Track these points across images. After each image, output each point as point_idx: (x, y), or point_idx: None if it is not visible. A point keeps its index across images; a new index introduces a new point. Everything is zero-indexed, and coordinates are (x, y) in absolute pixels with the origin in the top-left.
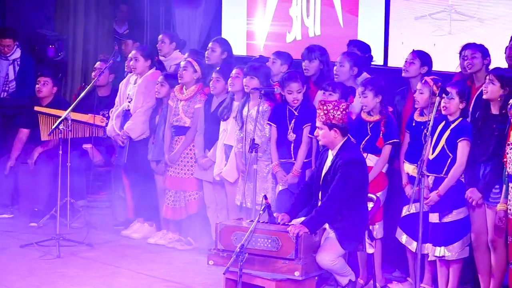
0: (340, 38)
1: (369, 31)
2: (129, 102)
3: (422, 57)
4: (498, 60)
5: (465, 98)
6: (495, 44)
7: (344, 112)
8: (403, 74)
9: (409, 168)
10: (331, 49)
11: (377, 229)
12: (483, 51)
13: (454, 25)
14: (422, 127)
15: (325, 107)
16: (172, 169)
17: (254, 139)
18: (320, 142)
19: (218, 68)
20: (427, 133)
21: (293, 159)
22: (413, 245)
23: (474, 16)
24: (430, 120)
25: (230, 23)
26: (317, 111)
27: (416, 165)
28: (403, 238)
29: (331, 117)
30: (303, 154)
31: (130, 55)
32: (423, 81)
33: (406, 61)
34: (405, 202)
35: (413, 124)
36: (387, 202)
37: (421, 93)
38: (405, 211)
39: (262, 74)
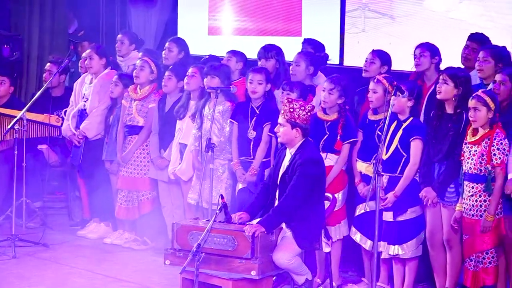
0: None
1: (325, 30)
2: (85, 102)
3: (381, 57)
4: (409, 57)
5: (414, 97)
6: (407, 41)
7: (309, 113)
8: (363, 74)
9: (362, 167)
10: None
11: (339, 229)
12: (432, 50)
13: (368, 23)
14: (375, 125)
15: (291, 105)
16: (125, 169)
17: (210, 138)
18: (279, 139)
19: (171, 67)
20: (382, 133)
21: (253, 158)
22: (367, 244)
23: (387, 13)
24: (383, 119)
25: (189, 20)
26: (282, 107)
27: (368, 163)
28: (357, 237)
29: (296, 116)
30: (262, 153)
31: (84, 54)
32: (375, 80)
33: (366, 61)
34: (358, 201)
35: (366, 122)
36: (348, 201)
37: (375, 92)
38: (358, 210)
39: (223, 73)
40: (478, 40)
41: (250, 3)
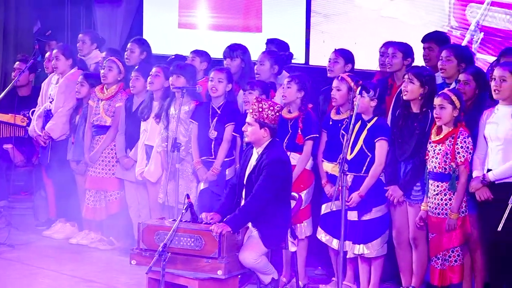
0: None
1: (290, 30)
2: (51, 102)
3: (345, 55)
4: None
5: (377, 97)
6: (343, 38)
7: (277, 114)
8: (328, 75)
9: (327, 167)
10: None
11: (306, 227)
12: (405, 52)
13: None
14: (339, 125)
15: (260, 105)
16: (93, 169)
17: (176, 138)
18: (246, 138)
19: (137, 67)
20: (347, 132)
21: (214, 157)
22: (333, 243)
23: (321, 12)
24: (346, 118)
25: (155, 18)
26: (252, 106)
27: (334, 163)
28: (323, 236)
29: (265, 116)
30: (224, 153)
31: (47, 55)
32: (339, 78)
33: (329, 61)
34: (324, 201)
35: (330, 122)
36: (313, 200)
37: (338, 90)
38: (324, 210)
39: (188, 72)
40: (433, 39)
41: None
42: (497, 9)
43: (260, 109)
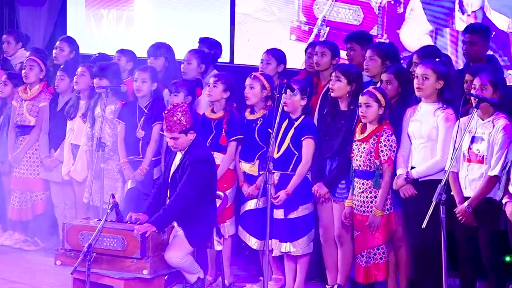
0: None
1: (215, 29)
2: None
3: (276, 55)
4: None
5: (306, 95)
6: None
7: (189, 111)
8: None
9: (245, 167)
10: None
11: (228, 227)
12: (334, 51)
13: None
14: (253, 124)
15: (175, 117)
16: (18, 169)
17: (101, 138)
18: (176, 149)
19: (62, 66)
20: (261, 132)
21: (142, 157)
22: (252, 242)
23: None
24: (260, 118)
25: (78, 18)
26: (167, 123)
27: (251, 163)
28: (243, 235)
29: (184, 123)
30: (152, 152)
31: None
32: (252, 76)
33: (262, 62)
34: (243, 200)
35: (245, 122)
36: (236, 199)
37: (251, 88)
38: (243, 209)
39: (111, 73)
40: (354, 39)
41: None
42: (341, 5)
43: (178, 121)
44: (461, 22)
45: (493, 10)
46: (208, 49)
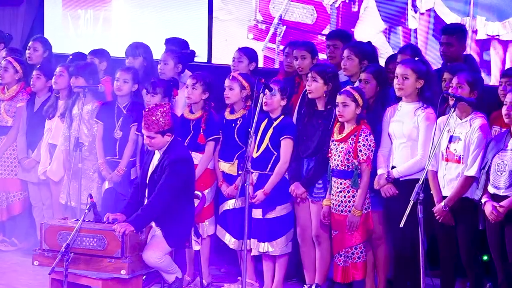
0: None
1: (192, 28)
2: None
3: (248, 54)
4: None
5: (286, 95)
6: None
7: (169, 113)
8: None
9: (224, 167)
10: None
11: (207, 226)
12: (312, 51)
13: None
14: (233, 124)
15: (154, 117)
16: None
17: (78, 138)
18: (150, 148)
19: (38, 66)
20: (241, 132)
21: (119, 157)
22: (231, 241)
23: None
24: (240, 118)
25: (56, 18)
26: (145, 121)
27: (231, 163)
28: (222, 234)
29: (162, 124)
30: (129, 153)
31: None
32: (230, 77)
33: (234, 60)
34: (221, 200)
35: (224, 122)
36: (215, 199)
37: (231, 89)
38: (222, 208)
39: (87, 72)
40: (338, 36)
41: None
42: (297, 4)
43: (156, 121)
44: (413, 20)
45: (446, 8)
46: (177, 49)
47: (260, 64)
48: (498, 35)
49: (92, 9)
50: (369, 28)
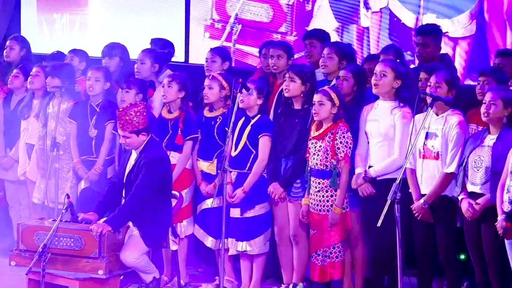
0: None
1: (169, 28)
2: None
3: (221, 54)
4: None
5: (263, 94)
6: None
7: (144, 113)
8: (207, 74)
9: (203, 166)
10: None
11: (185, 226)
12: (288, 52)
13: None
14: (212, 122)
15: (127, 117)
16: None
17: (55, 137)
18: (128, 147)
19: (20, 65)
20: (220, 131)
21: (95, 156)
22: (208, 240)
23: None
24: (220, 116)
25: (32, 17)
26: (119, 121)
27: (210, 162)
28: (200, 233)
29: (136, 124)
30: (105, 151)
31: None
32: (210, 76)
33: (207, 60)
34: (200, 199)
35: (203, 120)
36: (194, 199)
37: (210, 88)
38: (200, 208)
39: (64, 72)
40: (314, 35)
41: None
42: (253, 3)
43: (130, 121)
44: (365, 19)
45: (401, 6)
46: (161, 49)
47: None
48: (447, 32)
49: (68, 13)
50: (322, 27)
